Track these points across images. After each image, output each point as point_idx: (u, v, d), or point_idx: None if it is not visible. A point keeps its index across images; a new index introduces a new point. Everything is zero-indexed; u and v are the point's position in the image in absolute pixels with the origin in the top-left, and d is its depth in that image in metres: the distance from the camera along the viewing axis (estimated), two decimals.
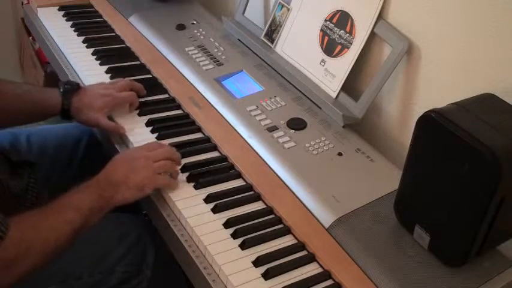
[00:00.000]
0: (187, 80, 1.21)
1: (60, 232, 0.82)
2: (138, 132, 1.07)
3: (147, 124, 1.09)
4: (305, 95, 1.15)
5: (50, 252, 0.81)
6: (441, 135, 0.76)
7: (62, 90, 1.07)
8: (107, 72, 1.23)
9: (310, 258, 0.85)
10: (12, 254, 0.76)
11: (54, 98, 1.07)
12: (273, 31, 1.26)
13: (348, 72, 1.10)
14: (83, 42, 1.33)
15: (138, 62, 1.29)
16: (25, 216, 0.81)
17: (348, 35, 1.11)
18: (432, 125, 0.77)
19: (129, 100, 1.11)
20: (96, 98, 1.07)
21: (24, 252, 0.78)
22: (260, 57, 1.26)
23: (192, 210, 0.90)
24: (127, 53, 1.32)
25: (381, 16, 1.07)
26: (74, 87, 1.09)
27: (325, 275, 0.82)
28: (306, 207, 0.91)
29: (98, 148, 1.19)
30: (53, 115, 1.09)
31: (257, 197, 0.95)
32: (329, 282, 0.82)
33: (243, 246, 0.84)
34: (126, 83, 1.13)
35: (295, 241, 0.87)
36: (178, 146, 1.03)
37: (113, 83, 1.14)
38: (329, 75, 1.13)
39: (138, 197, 0.91)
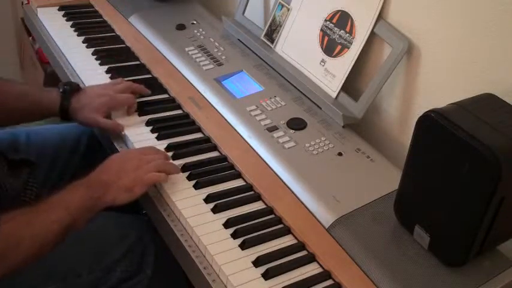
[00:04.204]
0: (187, 80, 1.21)
1: (48, 230, 0.83)
2: (138, 132, 1.07)
3: (147, 124, 1.09)
4: (305, 95, 1.15)
5: (38, 248, 0.82)
6: (441, 135, 0.76)
7: (61, 90, 1.08)
8: (107, 72, 1.23)
9: (310, 258, 0.85)
10: (1, 248, 0.77)
11: (53, 98, 1.07)
12: (273, 31, 1.26)
13: (348, 72, 1.10)
14: (83, 42, 1.33)
15: (138, 62, 1.29)
16: (17, 213, 0.82)
17: (348, 35, 1.11)
18: (432, 125, 0.77)
19: (127, 103, 1.11)
20: (94, 98, 1.08)
21: (13, 248, 0.79)
22: (260, 57, 1.26)
23: (192, 210, 0.90)
24: (127, 53, 1.32)
25: (380, 16, 1.07)
26: (73, 88, 1.09)
27: (325, 275, 0.82)
28: (306, 207, 0.91)
29: (98, 148, 1.19)
30: (52, 115, 1.09)
31: (257, 197, 0.95)
32: (329, 282, 0.82)
33: (243, 246, 0.84)
34: (125, 86, 1.13)
35: (295, 241, 0.87)
36: (178, 146, 1.03)
37: (113, 84, 1.14)
38: (329, 75, 1.13)
39: (128, 198, 0.89)
